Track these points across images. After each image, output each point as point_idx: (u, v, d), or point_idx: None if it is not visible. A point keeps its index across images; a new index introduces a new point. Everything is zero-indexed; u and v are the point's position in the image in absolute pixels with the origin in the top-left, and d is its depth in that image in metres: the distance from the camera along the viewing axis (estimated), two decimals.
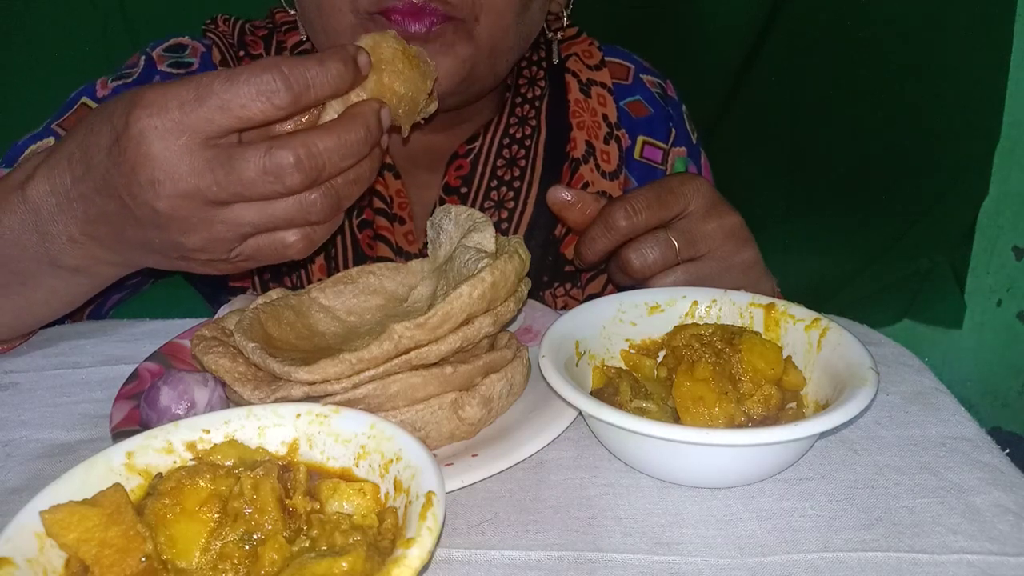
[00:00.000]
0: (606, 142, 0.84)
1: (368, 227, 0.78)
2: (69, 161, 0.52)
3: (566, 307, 0.83)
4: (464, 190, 0.81)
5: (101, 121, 0.51)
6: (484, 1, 0.68)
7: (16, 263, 0.56)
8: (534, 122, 0.83)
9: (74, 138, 0.53)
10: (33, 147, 0.74)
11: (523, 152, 0.82)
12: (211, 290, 0.87)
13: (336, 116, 0.52)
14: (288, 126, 0.53)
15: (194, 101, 0.47)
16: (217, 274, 0.57)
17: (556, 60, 0.86)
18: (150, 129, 0.47)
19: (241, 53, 0.82)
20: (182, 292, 0.92)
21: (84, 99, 0.79)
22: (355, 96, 0.54)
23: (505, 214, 0.81)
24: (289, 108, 0.49)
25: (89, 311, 0.79)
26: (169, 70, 0.81)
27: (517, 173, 0.81)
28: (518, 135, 0.82)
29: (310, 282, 0.79)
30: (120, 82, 0.80)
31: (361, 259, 0.78)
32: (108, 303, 0.82)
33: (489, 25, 0.69)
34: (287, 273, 0.81)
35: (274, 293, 0.58)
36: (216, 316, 0.58)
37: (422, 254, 0.78)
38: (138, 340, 0.64)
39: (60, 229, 0.54)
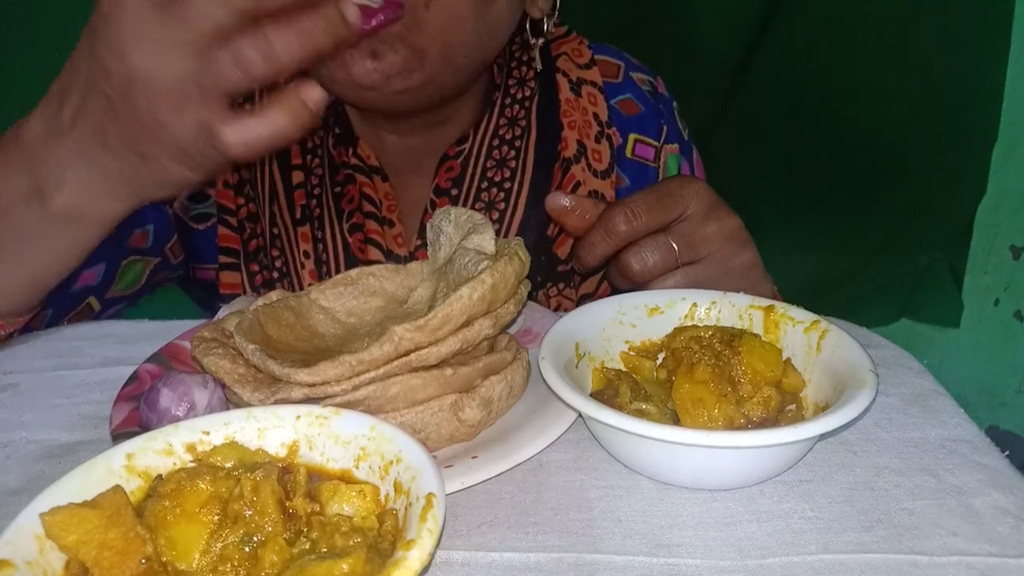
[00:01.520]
0: (597, 141, 0.84)
1: (359, 231, 0.78)
2: (59, 91, 0.55)
3: (560, 307, 0.83)
4: (455, 192, 0.80)
5: (83, 34, 0.54)
6: None
7: (13, 214, 0.57)
8: (524, 123, 0.83)
9: (65, 67, 0.55)
10: None
11: (513, 153, 0.82)
12: (206, 295, 0.87)
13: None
14: None
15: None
16: (192, 176, 0.55)
17: (538, 68, 0.84)
18: (119, 9, 0.50)
19: None
20: (178, 301, 0.93)
21: None
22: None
23: (496, 215, 0.81)
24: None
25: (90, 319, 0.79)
26: None
27: (507, 174, 0.81)
28: (508, 136, 0.82)
29: (302, 286, 0.79)
30: None
31: (352, 263, 0.78)
32: (107, 314, 0.82)
33: (439, 14, 0.65)
34: (279, 280, 0.81)
35: (274, 295, 0.58)
36: (216, 317, 0.58)
37: (412, 257, 0.78)
38: (138, 342, 0.64)
39: (50, 158, 0.55)
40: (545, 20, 0.81)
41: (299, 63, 0.51)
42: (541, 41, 0.83)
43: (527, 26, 0.81)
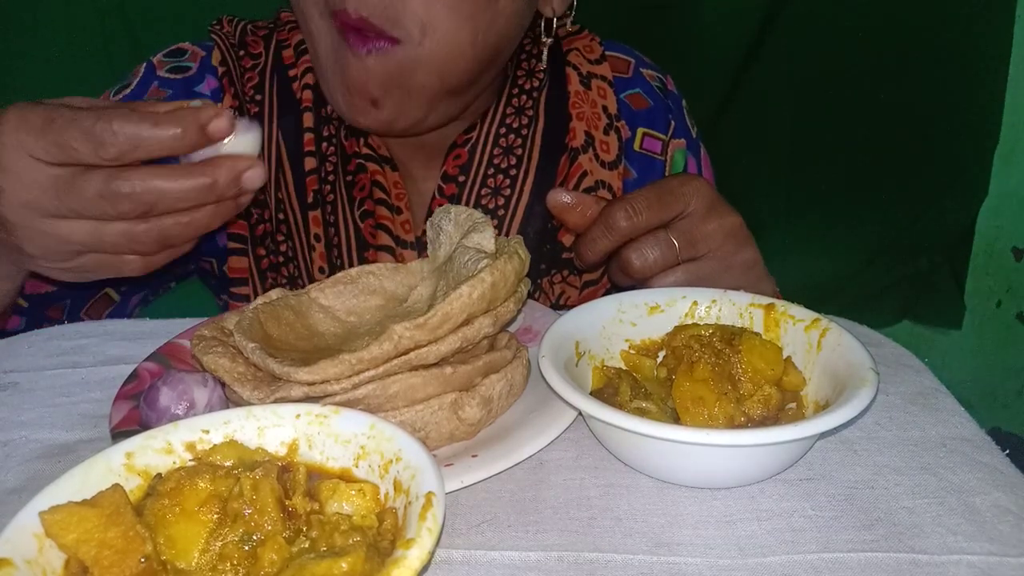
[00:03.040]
0: (606, 133, 0.84)
1: (370, 217, 0.79)
2: None
3: (563, 294, 0.84)
4: (462, 178, 0.81)
5: None
6: (428, 21, 0.66)
7: None
8: (531, 112, 0.84)
9: None
10: None
11: (520, 141, 0.83)
12: (217, 283, 0.89)
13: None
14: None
15: (42, 129, 0.51)
16: (67, 280, 0.61)
17: (543, 67, 0.85)
18: (6, 142, 0.52)
19: (241, 52, 0.83)
20: (192, 295, 0.94)
21: None
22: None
23: (502, 201, 0.82)
24: (116, 160, 0.52)
25: (109, 312, 0.80)
26: (168, 75, 0.82)
27: (513, 161, 0.82)
28: (515, 124, 0.83)
29: (311, 269, 0.80)
30: (121, 93, 0.81)
31: (363, 247, 0.79)
32: (131, 303, 0.82)
33: (438, 48, 0.68)
34: (284, 264, 0.81)
35: (273, 293, 0.58)
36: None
37: (419, 242, 0.79)
38: (138, 340, 0.64)
39: None
40: (555, 21, 0.83)
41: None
42: (550, 40, 0.84)
43: (542, 24, 0.83)
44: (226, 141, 0.54)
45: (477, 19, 0.68)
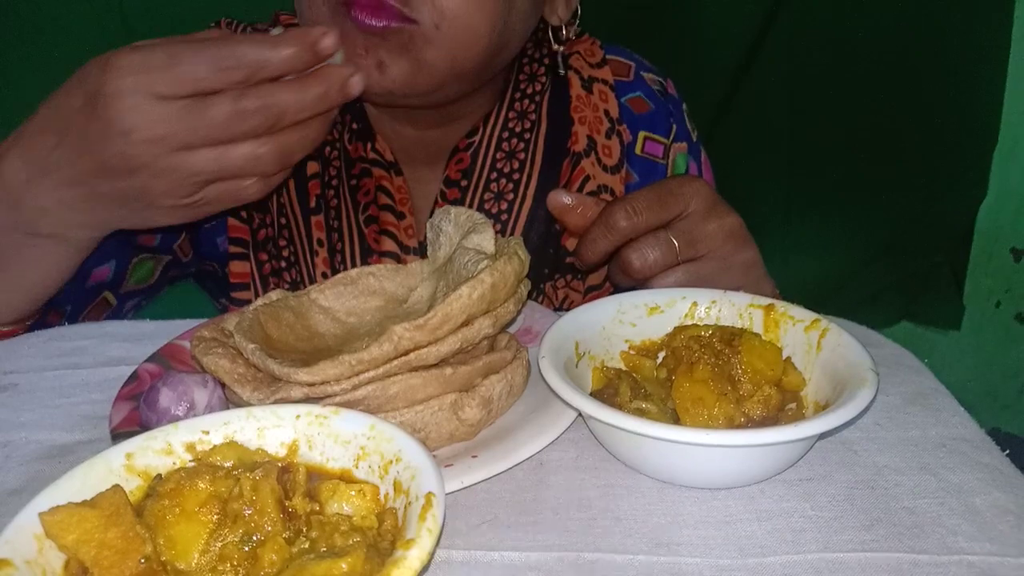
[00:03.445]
0: (607, 137, 0.85)
1: (374, 223, 0.79)
2: (42, 131, 0.57)
3: (567, 298, 0.84)
4: (464, 183, 0.81)
5: (74, 86, 0.56)
6: (445, 10, 0.66)
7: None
8: (534, 116, 0.84)
9: (47, 108, 0.58)
10: None
11: (522, 145, 0.83)
12: (215, 285, 0.88)
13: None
14: None
15: (167, 65, 0.53)
16: (182, 221, 0.62)
17: (562, 72, 0.86)
18: (125, 87, 0.53)
19: None
20: (187, 298, 0.93)
21: None
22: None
23: (504, 205, 0.82)
24: (246, 82, 0.55)
25: (106, 316, 0.80)
26: None
27: (516, 166, 0.82)
28: (517, 128, 0.83)
29: (313, 274, 0.80)
30: None
31: (367, 253, 0.79)
32: (126, 307, 0.82)
33: (454, 35, 0.68)
34: (286, 269, 0.81)
35: (274, 294, 0.58)
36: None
37: (422, 247, 0.79)
38: (138, 341, 0.64)
39: (32, 200, 0.58)
40: (565, 28, 0.83)
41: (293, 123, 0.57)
42: (562, 48, 0.85)
43: (550, 33, 0.83)
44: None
45: (495, 13, 0.69)
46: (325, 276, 0.80)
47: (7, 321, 0.66)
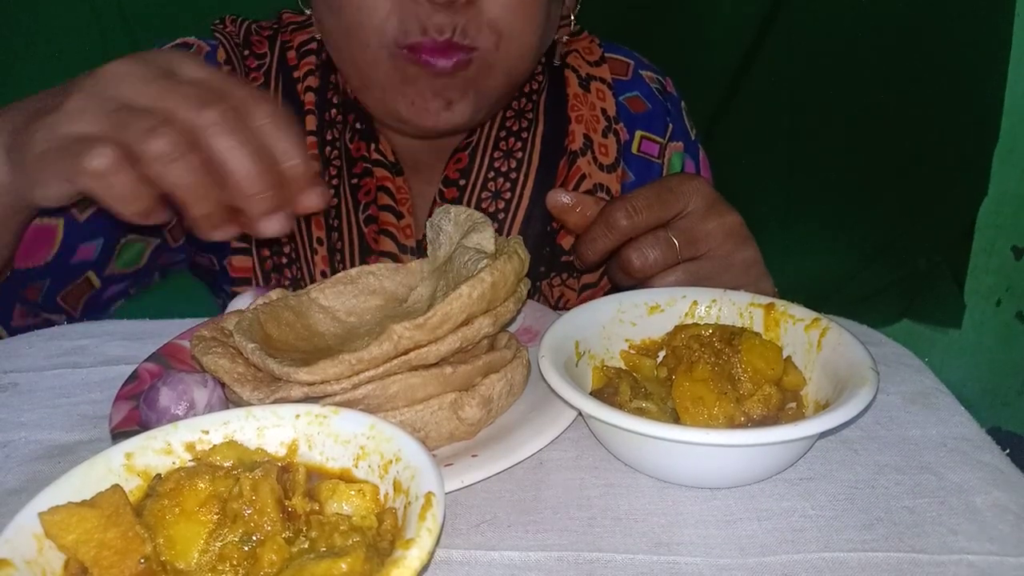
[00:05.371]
0: (604, 136, 0.85)
1: (374, 222, 0.79)
2: (15, 110, 0.57)
3: (563, 297, 0.84)
4: (462, 182, 0.81)
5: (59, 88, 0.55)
6: (504, 29, 0.69)
7: None
8: (531, 115, 0.84)
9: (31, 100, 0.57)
10: None
11: (519, 144, 0.83)
12: (212, 278, 0.88)
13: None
14: None
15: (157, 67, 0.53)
16: (62, 179, 0.54)
17: (557, 62, 0.87)
18: (111, 64, 0.53)
19: (246, 52, 0.83)
20: (190, 289, 0.93)
21: None
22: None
23: (502, 204, 0.82)
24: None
25: (87, 298, 0.79)
26: None
27: (513, 164, 0.82)
28: (515, 127, 0.83)
29: (312, 272, 0.80)
30: None
31: (366, 252, 0.79)
32: (109, 291, 0.81)
33: (510, 52, 0.71)
34: (288, 265, 0.81)
35: (274, 294, 0.58)
36: (226, 310, 0.58)
37: (420, 247, 0.79)
38: (138, 340, 0.64)
39: None
40: (572, 15, 0.85)
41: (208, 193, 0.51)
42: (565, 38, 0.86)
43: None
44: None
45: (541, 22, 0.72)
46: (324, 275, 0.80)
47: None
